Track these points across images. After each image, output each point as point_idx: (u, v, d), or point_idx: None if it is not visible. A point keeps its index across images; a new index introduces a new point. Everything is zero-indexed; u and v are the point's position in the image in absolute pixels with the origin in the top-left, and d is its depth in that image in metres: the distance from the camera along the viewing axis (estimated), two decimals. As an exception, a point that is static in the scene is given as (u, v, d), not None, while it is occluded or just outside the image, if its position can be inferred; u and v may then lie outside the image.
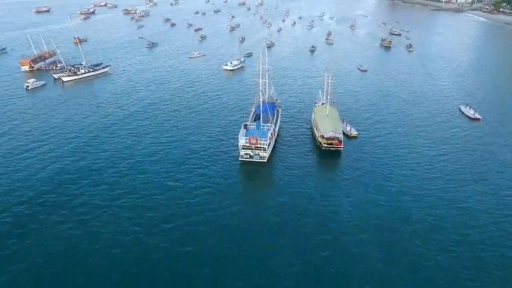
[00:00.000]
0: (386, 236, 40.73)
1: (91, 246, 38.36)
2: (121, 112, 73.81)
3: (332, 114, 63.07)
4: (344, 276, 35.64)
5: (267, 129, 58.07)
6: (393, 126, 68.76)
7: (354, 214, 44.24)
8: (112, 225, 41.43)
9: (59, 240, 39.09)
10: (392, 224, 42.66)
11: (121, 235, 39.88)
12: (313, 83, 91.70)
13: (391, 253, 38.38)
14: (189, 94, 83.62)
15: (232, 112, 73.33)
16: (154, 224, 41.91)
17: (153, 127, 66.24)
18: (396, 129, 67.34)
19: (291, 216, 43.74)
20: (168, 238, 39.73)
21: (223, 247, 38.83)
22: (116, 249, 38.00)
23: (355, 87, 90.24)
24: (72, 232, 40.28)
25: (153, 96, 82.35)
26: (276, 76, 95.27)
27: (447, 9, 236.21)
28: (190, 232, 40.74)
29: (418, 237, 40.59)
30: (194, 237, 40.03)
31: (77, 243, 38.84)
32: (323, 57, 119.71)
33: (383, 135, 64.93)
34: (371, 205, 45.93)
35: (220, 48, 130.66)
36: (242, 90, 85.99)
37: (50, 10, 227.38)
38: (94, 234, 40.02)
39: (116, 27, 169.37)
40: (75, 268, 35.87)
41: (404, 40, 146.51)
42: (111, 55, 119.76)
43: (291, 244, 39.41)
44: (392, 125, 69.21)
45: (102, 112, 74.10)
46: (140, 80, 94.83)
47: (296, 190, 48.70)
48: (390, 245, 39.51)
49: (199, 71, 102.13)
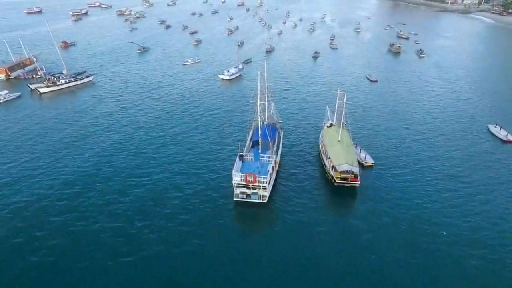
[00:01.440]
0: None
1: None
2: (98, 133, 63.30)
3: (344, 139, 52.46)
4: None
5: (267, 161, 47.66)
6: (414, 151, 58.17)
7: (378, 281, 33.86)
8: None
9: None
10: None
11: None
12: (318, 98, 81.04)
13: None
14: (179, 110, 72.90)
15: (226, 134, 62.60)
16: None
17: (132, 156, 55.40)
18: (417, 156, 56.77)
19: (296, 278, 33.47)
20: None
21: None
22: None
23: (366, 101, 79.58)
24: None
25: (137, 113, 71.57)
26: (276, 88, 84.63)
27: (453, 10, 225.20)
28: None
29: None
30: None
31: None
32: (327, 65, 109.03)
33: (404, 164, 54.26)
34: (399, 268, 35.48)
35: (217, 53, 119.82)
36: (239, 105, 75.28)
37: (42, 11, 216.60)
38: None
39: (108, 30, 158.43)
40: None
41: (413, 45, 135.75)
42: (98, 61, 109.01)
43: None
44: (413, 150, 58.63)
45: (78, 133, 63.76)
46: (126, 92, 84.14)
47: (302, 243, 38.38)
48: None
49: (192, 81, 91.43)
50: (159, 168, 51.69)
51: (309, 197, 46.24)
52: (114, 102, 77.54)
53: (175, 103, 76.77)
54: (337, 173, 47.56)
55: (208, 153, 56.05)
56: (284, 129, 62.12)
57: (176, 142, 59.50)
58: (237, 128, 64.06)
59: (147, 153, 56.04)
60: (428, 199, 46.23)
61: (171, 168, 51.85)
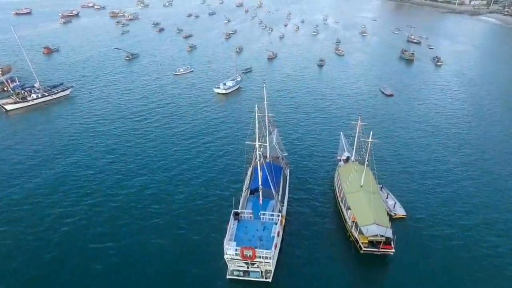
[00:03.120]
0: None
1: None
2: (67, 159, 51.14)
3: (368, 184, 40.41)
4: None
5: (270, 219, 35.67)
6: (460, 198, 45.19)
7: None
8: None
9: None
10: None
11: None
12: (329, 119, 68.50)
13: None
14: (166, 135, 60.57)
15: (218, 171, 49.93)
16: None
17: (97, 213, 43.12)
18: (465, 205, 43.77)
19: None
20: None
21: None
22: None
23: (384, 121, 67.32)
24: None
25: (115, 140, 59.19)
26: (280, 107, 72.54)
27: (461, 12, 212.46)
28: None
29: None
30: None
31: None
32: (335, 75, 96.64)
33: (448, 218, 41.74)
34: None
35: (212, 61, 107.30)
36: (237, 129, 63.02)
37: (32, 12, 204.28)
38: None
39: (97, 33, 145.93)
40: None
41: (426, 50, 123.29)
42: (81, 70, 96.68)
43: None
44: (458, 196, 45.77)
45: (48, 156, 52.14)
46: (107, 108, 72.08)
47: None
48: None
49: (183, 96, 79.11)
50: (126, 231, 39.40)
51: (326, 270, 34.11)
52: (90, 123, 65.36)
53: (161, 125, 64.44)
54: (363, 237, 35.50)
55: (193, 206, 42.86)
56: (290, 163, 50.07)
57: (157, 185, 47.06)
58: (232, 163, 51.68)
59: (115, 201, 43.75)
60: (488, 263, 34.24)
61: (144, 227, 39.50)
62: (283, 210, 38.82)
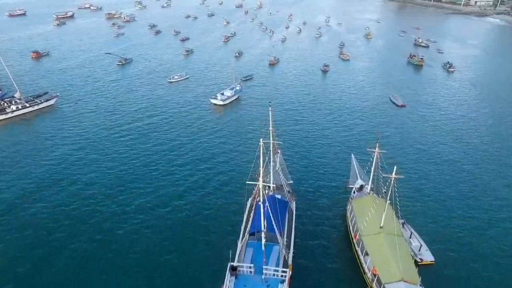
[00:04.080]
0: None
1: None
2: (47, 184, 44.35)
3: (391, 224, 33.69)
4: None
5: (276, 280, 28.97)
6: (498, 240, 38.44)
7: None
8: None
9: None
10: None
11: None
12: (335, 134, 61.61)
13: None
14: (152, 158, 53.64)
15: (215, 212, 42.65)
16: None
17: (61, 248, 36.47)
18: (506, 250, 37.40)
19: None
20: None
21: None
22: None
23: (397, 139, 60.43)
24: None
25: (99, 161, 52.50)
26: (280, 119, 65.72)
27: (467, 13, 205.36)
28: None
29: None
30: None
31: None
32: (341, 82, 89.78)
33: (489, 264, 35.22)
34: None
35: (210, 67, 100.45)
36: (235, 153, 55.89)
37: (26, 14, 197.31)
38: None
39: (91, 36, 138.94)
40: None
41: (435, 55, 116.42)
42: (69, 77, 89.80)
43: None
44: (496, 237, 39.16)
45: (25, 183, 45.15)
46: (94, 121, 65.38)
47: None
48: None
49: (177, 108, 72.19)
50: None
51: None
52: (75, 138, 58.69)
53: (150, 145, 57.46)
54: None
55: (178, 259, 35.37)
56: (295, 193, 43.32)
57: (140, 221, 40.27)
58: (228, 202, 44.38)
59: (89, 242, 37.05)
60: None
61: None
62: (290, 258, 32.12)
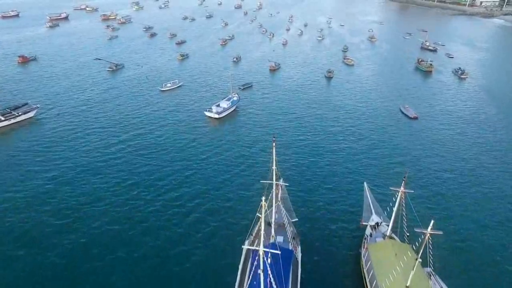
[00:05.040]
0: None
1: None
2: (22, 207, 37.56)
3: (420, 283, 26.89)
4: None
5: None
6: None
7: None
8: None
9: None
10: None
11: None
12: (344, 155, 54.46)
13: None
14: (138, 190, 46.97)
15: (201, 267, 36.05)
16: None
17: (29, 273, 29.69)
18: None
19: None
20: None
21: None
22: None
23: (415, 156, 53.48)
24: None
25: (72, 194, 45.71)
26: (282, 137, 58.76)
27: (473, 14, 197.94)
28: None
29: None
30: None
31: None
32: (346, 90, 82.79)
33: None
34: None
35: (206, 73, 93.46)
36: (231, 186, 49.06)
37: (19, 15, 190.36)
38: None
39: (83, 39, 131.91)
40: None
41: (445, 60, 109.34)
42: (55, 85, 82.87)
43: None
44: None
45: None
46: (76, 136, 58.61)
47: None
48: None
49: (167, 121, 65.30)
50: None
51: None
52: (53, 155, 51.90)
53: (135, 166, 50.69)
54: None
55: None
56: (300, 231, 36.50)
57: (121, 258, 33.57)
58: (217, 259, 37.66)
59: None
60: None
61: None
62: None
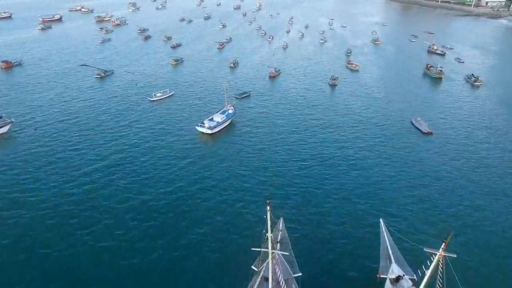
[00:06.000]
0: None
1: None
2: None
3: None
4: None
5: None
6: None
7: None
8: None
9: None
10: None
11: None
12: (354, 181, 47.17)
13: None
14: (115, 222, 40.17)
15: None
16: None
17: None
18: None
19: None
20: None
21: None
22: None
23: (431, 186, 46.40)
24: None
25: (44, 228, 38.90)
26: (283, 162, 51.76)
27: (479, 15, 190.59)
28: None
29: None
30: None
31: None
32: (351, 100, 75.61)
33: None
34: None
35: (200, 81, 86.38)
36: (227, 205, 42.37)
37: (12, 17, 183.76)
38: None
39: (74, 42, 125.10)
40: None
41: (454, 65, 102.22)
42: (36, 95, 76.03)
43: None
44: None
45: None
46: (52, 155, 51.75)
47: None
48: None
49: (155, 137, 58.30)
50: None
51: None
52: (26, 176, 45.03)
53: (109, 208, 43.93)
54: None
55: None
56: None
57: None
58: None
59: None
60: None
61: None
62: None
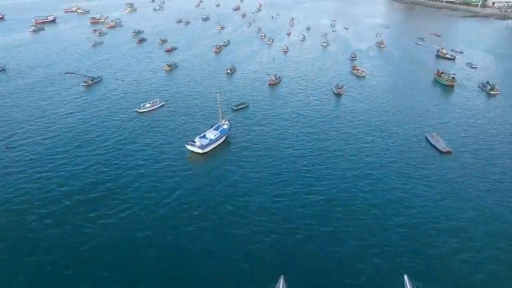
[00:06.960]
0: None
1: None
2: None
3: None
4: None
5: None
6: None
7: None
8: None
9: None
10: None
11: None
12: (368, 224, 40.12)
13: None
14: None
15: None
16: None
17: None
18: None
19: None
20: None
21: None
22: None
23: (464, 232, 39.35)
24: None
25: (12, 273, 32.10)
26: (284, 193, 44.70)
27: (486, 16, 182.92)
28: None
29: None
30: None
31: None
32: (359, 112, 68.20)
33: None
34: None
35: (194, 89, 79.29)
36: (231, 225, 35.58)
37: (4, 18, 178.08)
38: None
39: (64, 46, 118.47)
40: None
41: (467, 71, 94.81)
42: (13, 106, 69.30)
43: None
44: None
45: None
46: (23, 178, 44.92)
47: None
48: None
49: (140, 157, 51.35)
50: None
51: None
52: None
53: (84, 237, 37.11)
54: None
55: None
56: None
57: None
58: None
59: None
60: None
61: None
62: None
